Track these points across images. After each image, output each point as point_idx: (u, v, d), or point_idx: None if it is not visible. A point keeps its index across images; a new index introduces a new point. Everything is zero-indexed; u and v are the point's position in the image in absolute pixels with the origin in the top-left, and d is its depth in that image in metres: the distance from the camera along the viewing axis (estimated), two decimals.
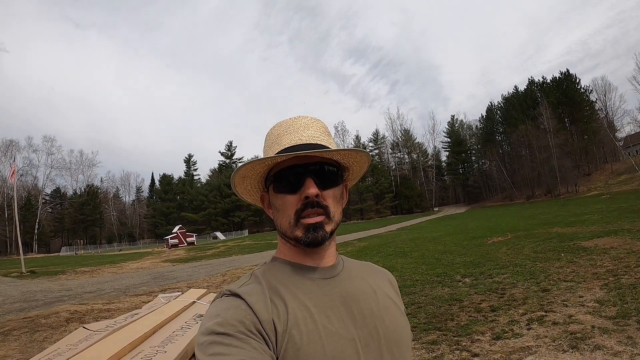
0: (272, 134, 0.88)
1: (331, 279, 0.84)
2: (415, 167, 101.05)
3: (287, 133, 0.85)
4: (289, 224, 0.81)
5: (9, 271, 22.74)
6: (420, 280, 8.83)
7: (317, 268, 0.85)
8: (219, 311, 0.72)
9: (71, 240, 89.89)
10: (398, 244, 18.57)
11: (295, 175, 0.81)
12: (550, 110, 70.50)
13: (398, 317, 0.87)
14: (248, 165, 0.81)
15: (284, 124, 0.88)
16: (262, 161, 0.80)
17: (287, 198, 0.82)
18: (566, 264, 8.39)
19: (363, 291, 0.85)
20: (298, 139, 0.84)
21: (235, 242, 41.32)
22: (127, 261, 27.50)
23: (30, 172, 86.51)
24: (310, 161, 0.81)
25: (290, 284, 0.80)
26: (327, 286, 0.82)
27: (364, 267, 0.97)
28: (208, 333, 0.67)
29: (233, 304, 0.73)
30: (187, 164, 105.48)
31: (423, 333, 5.23)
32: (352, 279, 0.87)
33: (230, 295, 0.76)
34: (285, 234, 0.84)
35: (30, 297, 11.64)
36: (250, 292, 0.75)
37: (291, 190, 0.81)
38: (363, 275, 0.91)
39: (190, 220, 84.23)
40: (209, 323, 0.69)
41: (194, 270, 16.95)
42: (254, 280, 0.81)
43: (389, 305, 0.87)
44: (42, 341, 6.54)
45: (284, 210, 0.82)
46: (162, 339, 2.03)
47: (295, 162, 0.81)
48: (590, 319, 4.83)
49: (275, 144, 0.85)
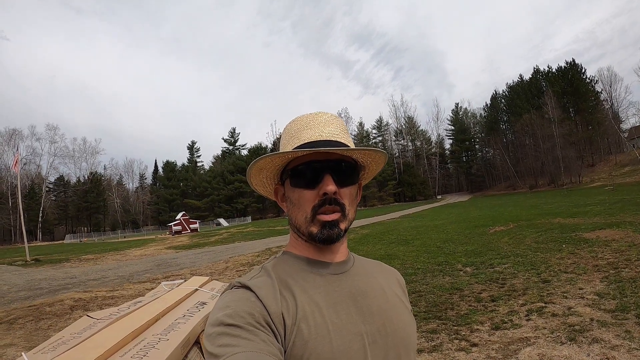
0: (292, 128, 0.87)
1: (341, 274, 0.85)
2: (419, 155, 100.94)
3: (307, 128, 0.85)
4: (305, 219, 0.82)
5: (13, 259, 22.91)
6: (422, 269, 8.87)
7: (328, 264, 0.85)
8: (228, 303, 0.72)
9: (75, 227, 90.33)
10: (400, 231, 18.58)
11: (314, 170, 0.81)
12: (555, 99, 70.10)
13: (406, 317, 0.88)
14: (267, 159, 0.80)
15: (304, 118, 0.87)
16: (282, 155, 0.80)
17: (304, 193, 0.82)
18: (567, 255, 8.41)
19: (372, 288, 0.86)
20: (319, 134, 0.83)
21: (238, 229, 41.48)
22: (130, 248, 27.63)
23: (34, 160, 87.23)
24: (330, 158, 0.81)
25: (300, 278, 0.81)
26: (337, 282, 0.83)
27: (374, 266, 0.97)
28: (217, 324, 0.67)
29: (243, 296, 0.73)
30: (190, 150, 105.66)
31: (423, 322, 5.26)
32: (361, 276, 0.88)
33: (240, 287, 0.77)
34: (299, 229, 0.84)
35: (34, 286, 11.74)
36: (261, 285, 0.76)
37: (309, 186, 0.81)
38: (373, 273, 0.92)
39: (193, 207, 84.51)
40: (218, 314, 0.69)
41: (197, 257, 17.02)
42: (264, 273, 0.82)
43: (398, 304, 0.88)
44: (47, 329, 6.61)
45: (301, 205, 0.83)
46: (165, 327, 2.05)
47: (314, 158, 0.81)
48: (589, 312, 4.85)
49: (295, 138, 0.85)
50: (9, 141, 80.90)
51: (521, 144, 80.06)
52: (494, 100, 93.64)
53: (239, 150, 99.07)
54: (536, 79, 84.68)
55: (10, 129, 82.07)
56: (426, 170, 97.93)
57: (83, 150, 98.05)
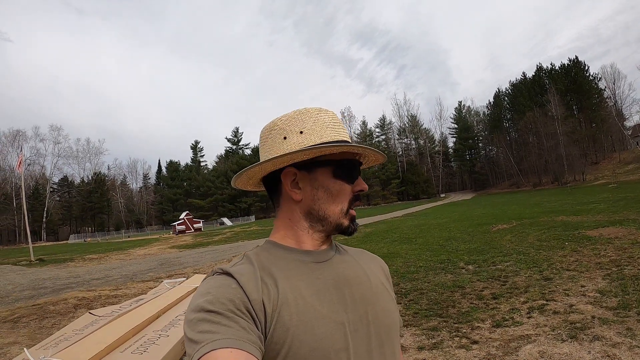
0: (319, 120, 0.85)
1: (324, 262, 0.85)
2: (422, 153, 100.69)
3: (336, 125, 0.87)
4: (340, 211, 0.85)
5: (18, 259, 23.02)
6: (424, 267, 8.87)
7: (311, 252, 0.85)
8: (209, 289, 0.71)
9: (79, 227, 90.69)
10: (403, 230, 18.57)
11: (353, 167, 0.87)
12: (558, 97, 69.85)
13: (389, 303, 0.88)
14: (334, 148, 0.81)
15: (328, 114, 0.87)
16: (350, 147, 0.83)
17: (345, 186, 0.85)
18: (570, 252, 8.39)
19: (357, 276, 0.86)
20: (345, 134, 0.87)
21: (242, 228, 41.59)
22: (134, 248, 27.73)
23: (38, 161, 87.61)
24: (356, 158, 0.89)
25: (283, 266, 0.80)
26: (320, 269, 0.83)
27: (357, 253, 0.97)
28: (198, 310, 0.67)
29: (224, 283, 0.73)
30: (193, 150, 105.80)
31: (424, 319, 5.27)
32: (345, 264, 0.88)
33: (222, 273, 0.76)
34: (325, 219, 0.85)
35: (38, 285, 11.80)
36: (242, 272, 0.76)
37: (350, 181, 0.86)
38: (357, 260, 0.92)
39: (197, 207, 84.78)
40: (199, 300, 0.69)
41: (201, 256, 17.07)
42: (246, 261, 0.81)
43: (381, 292, 0.88)
44: (51, 327, 6.65)
45: (339, 197, 0.85)
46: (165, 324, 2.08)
47: (346, 157, 0.86)
48: (590, 309, 4.84)
49: (330, 129, 0.85)
50: (12, 142, 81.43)
51: (524, 142, 79.81)
52: (497, 98, 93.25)
53: (243, 149, 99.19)
54: (539, 77, 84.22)
55: (14, 130, 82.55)
56: (429, 169, 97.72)
57: (87, 151, 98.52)
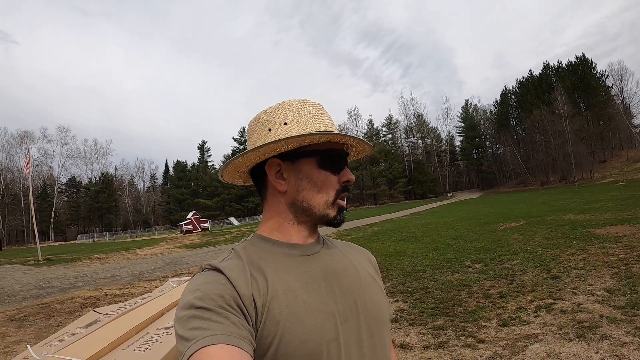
0: (304, 111, 0.85)
1: (312, 255, 0.85)
2: (429, 152, 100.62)
3: (321, 115, 0.85)
4: (325, 202, 0.83)
5: (26, 259, 23.16)
6: (430, 266, 8.85)
7: (299, 245, 0.85)
8: (199, 285, 0.70)
9: (87, 228, 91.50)
10: (410, 229, 18.52)
11: (339, 157, 0.85)
12: (565, 95, 69.48)
13: (378, 294, 0.88)
14: (316, 137, 0.80)
15: (313, 105, 0.87)
16: (333, 135, 0.81)
17: (330, 177, 0.84)
18: (577, 251, 8.32)
19: (344, 267, 0.86)
20: (330, 124, 0.86)
21: (249, 228, 41.57)
22: (141, 247, 27.83)
23: (46, 162, 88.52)
24: (344, 148, 0.88)
25: (272, 259, 0.80)
26: (308, 262, 0.82)
27: (345, 246, 0.98)
28: (188, 307, 0.66)
29: (213, 279, 0.72)
30: (200, 150, 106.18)
31: (430, 318, 5.25)
32: (333, 256, 0.88)
33: (211, 269, 0.75)
34: (310, 210, 0.84)
35: (46, 284, 11.90)
36: (231, 267, 0.75)
37: (336, 171, 0.84)
38: (344, 253, 0.92)
39: (204, 206, 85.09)
40: (189, 297, 0.68)
41: (207, 256, 17.08)
42: (234, 255, 0.80)
43: (370, 282, 0.89)
44: (57, 326, 6.71)
45: (325, 188, 0.84)
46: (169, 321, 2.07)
47: (332, 147, 0.84)
48: (598, 308, 4.79)
49: (314, 120, 0.84)
50: (20, 143, 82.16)
51: (532, 140, 79.46)
52: (504, 96, 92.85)
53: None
54: (546, 75, 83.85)
55: (21, 131, 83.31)
56: (436, 168, 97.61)
57: (94, 151, 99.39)
